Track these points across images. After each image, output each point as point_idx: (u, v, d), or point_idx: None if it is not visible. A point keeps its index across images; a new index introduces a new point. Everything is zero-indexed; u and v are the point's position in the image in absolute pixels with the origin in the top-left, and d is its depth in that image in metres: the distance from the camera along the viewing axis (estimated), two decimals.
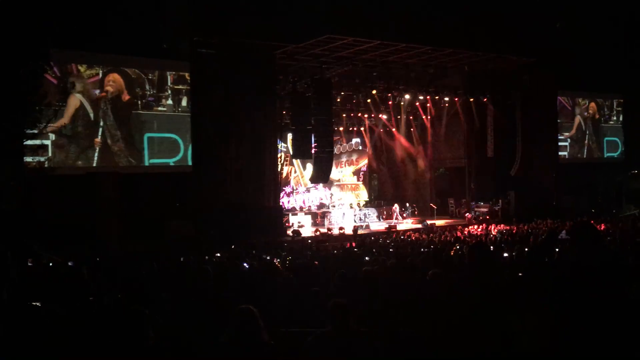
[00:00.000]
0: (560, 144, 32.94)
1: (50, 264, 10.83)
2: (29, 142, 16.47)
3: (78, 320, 4.64)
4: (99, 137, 21.34)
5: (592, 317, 3.35)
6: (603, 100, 36.26)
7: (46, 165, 18.79)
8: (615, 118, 37.00)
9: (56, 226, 16.86)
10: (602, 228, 17.60)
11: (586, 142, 35.24)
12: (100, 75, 21.42)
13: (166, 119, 22.92)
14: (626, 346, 3.28)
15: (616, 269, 3.90)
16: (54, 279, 7.29)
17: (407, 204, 28.85)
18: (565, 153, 33.99)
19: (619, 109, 36.95)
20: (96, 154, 21.33)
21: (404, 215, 27.90)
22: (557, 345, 3.39)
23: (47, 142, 19.74)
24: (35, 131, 16.08)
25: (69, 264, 10.34)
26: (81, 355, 4.08)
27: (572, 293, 3.49)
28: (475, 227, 23.53)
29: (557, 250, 4.39)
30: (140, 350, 3.78)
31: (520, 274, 5.71)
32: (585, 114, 35.29)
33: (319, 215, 27.61)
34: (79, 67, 21.00)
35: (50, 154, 19.95)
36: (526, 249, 11.51)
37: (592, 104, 35.67)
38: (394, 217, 27.90)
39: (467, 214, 28.34)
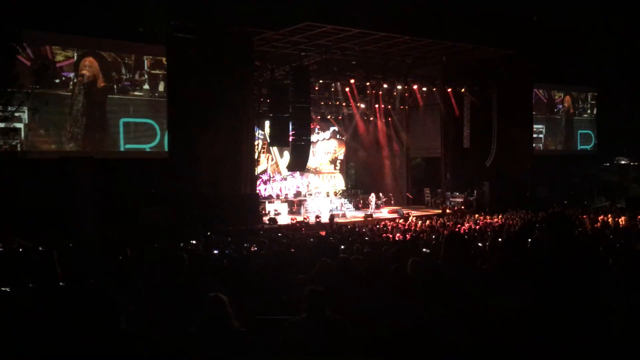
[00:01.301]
0: (534, 135, 33.42)
1: (20, 249, 10.66)
2: (1, 124, 16.15)
3: (47, 306, 4.57)
4: (73, 121, 21.00)
5: (566, 305, 3.40)
6: (578, 93, 36.75)
7: (19, 149, 18.43)
8: (589, 111, 37.53)
9: (29, 211, 16.58)
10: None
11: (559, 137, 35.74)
12: (75, 58, 21.02)
13: (142, 103, 22.62)
14: (598, 332, 3.34)
15: (588, 259, 3.96)
16: (24, 264, 7.17)
17: (381, 194, 28.85)
18: (540, 145, 34.45)
19: (593, 102, 37.49)
20: (70, 138, 20.99)
21: (380, 204, 27.98)
22: (532, 332, 3.44)
23: (20, 125, 19.35)
24: (7, 114, 15.76)
25: (40, 248, 10.19)
26: (51, 340, 4.03)
27: (546, 282, 3.54)
28: (450, 217, 23.75)
29: (529, 240, 4.44)
30: (112, 336, 3.73)
31: (495, 264, 5.76)
32: (562, 106, 35.73)
33: (296, 204, 27.61)
34: (53, 50, 20.59)
35: (22, 138, 19.56)
36: (499, 239, 11.67)
37: (567, 97, 36.14)
38: (371, 206, 28.00)
39: (442, 204, 28.55)
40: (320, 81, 26.12)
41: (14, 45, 15.75)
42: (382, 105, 30.15)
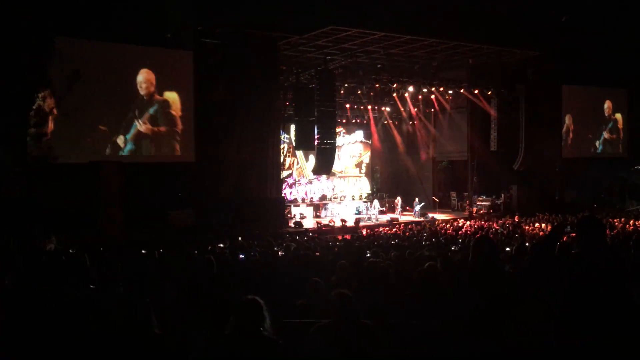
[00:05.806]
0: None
1: (52, 252, 10.85)
2: (33, 129, 16.46)
3: (79, 308, 4.65)
4: (102, 125, 21.30)
5: (593, 310, 3.35)
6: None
7: (49, 154, 18.75)
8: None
9: (59, 215, 16.87)
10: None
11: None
12: None
13: (169, 108, 22.85)
14: (625, 339, 3.29)
15: (618, 264, 3.90)
16: (55, 267, 7.30)
17: (417, 199, 28.12)
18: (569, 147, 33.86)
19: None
20: (99, 143, 21.28)
21: (417, 210, 27.28)
22: (558, 337, 3.40)
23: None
24: (40, 119, 16.06)
25: (70, 251, 10.37)
26: (84, 342, 4.09)
27: (573, 285, 3.50)
28: (478, 221, 23.52)
29: (558, 244, 4.40)
30: (143, 339, 3.78)
31: (523, 267, 5.71)
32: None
33: (321, 207, 27.60)
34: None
35: (53, 142, 19.89)
36: (527, 244, 11.53)
37: None
38: (396, 209, 27.86)
39: (469, 208, 28.24)
40: (346, 85, 26.12)
41: (46, 52, 16.07)
42: (408, 109, 30.04)
